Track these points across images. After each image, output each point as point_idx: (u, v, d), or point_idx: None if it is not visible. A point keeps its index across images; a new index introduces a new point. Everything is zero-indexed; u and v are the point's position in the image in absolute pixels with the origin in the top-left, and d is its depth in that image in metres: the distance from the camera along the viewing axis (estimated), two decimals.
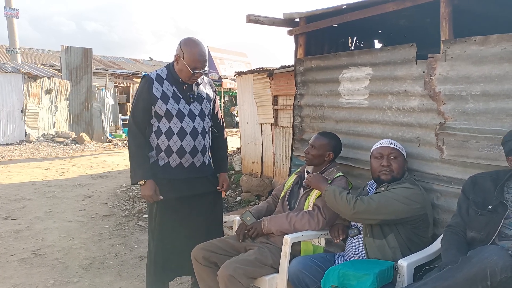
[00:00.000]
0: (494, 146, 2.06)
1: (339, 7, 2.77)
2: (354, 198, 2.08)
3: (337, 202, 2.12)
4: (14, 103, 11.92)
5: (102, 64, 21.00)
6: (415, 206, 2.05)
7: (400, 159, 2.22)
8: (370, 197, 2.08)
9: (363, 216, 2.07)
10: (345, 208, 2.08)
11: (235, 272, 2.11)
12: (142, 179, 2.45)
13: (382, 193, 2.11)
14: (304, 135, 3.28)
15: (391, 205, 2.03)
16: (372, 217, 2.05)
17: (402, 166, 2.22)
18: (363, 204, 2.04)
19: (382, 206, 2.03)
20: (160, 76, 2.51)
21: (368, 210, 2.03)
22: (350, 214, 2.09)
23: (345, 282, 1.80)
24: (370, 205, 2.03)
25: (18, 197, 5.80)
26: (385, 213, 2.03)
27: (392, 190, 2.10)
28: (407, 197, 2.05)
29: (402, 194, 2.06)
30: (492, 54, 2.05)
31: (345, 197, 2.09)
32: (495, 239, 1.77)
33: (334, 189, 2.17)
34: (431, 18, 2.90)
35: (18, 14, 14.77)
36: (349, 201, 2.07)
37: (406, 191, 2.07)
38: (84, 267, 3.37)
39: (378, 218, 2.05)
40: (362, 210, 2.03)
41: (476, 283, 1.51)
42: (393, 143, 2.27)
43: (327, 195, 2.19)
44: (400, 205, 2.03)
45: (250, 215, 2.48)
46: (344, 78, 2.86)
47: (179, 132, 2.50)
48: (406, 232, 2.07)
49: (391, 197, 2.05)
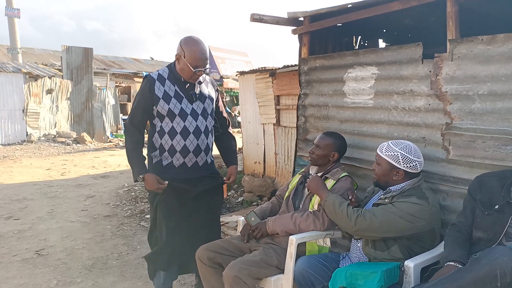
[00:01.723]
0: (501, 146, 2.04)
1: (344, 6, 2.75)
2: (356, 213, 1.99)
3: (337, 216, 2.05)
4: (15, 103, 11.92)
5: (102, 64, 20.99)
6: (420, 223, 1.95)
7: (383, 167, 2.10)
8: (373, 213, 1.98)
9: (365, 234, 2.01)
10: (346, 224, 2.01)
11: (240, 273, 2.10)
12: (140, 175, 2.45)
13: (385, 208, 1.99)
14: (308, 135, 3.27)
15: (394, 222, 1.94)
16: (374, 234, 1.99)
17: (384, 174, 2.10)
18: (365, 221, 1.96)
19: (385, 224, 1.94)
20: (162, 76, 2.51)
21: (370, 228, 1.96)
22: (351, 231, 2.03)
23: (353, 282, 1.79)
24: (372, 222, 1.95)
25: (20, 197, 5.79)
26: (388, 230, 1.96)
27: (397, 204, 1.98)
28: (412, 214, 1.94)
29: (407, 210, 1.94)
30: (499, 54, 2.04)
31: (346, 211, 2.01)
32: (502, 239, 1.76)
33: (334, 201, 2.09)
34: (436, 17, 2.89)
35: (19, 13, 14.79)
36: (349, 217, 1.99)
37: (412, 207, 1.95)
38: (87, 268, 3.37)
39: (381, 235, 1.99)
40: (364, 227, 1.97)
41: (486, 285, 1.49)
42: (382, 149, 2.14)
43: (327, 206, 2.13)
44: (404, 222, 1.93)
45: (254, 215, 2.47)
46: (349, 78, 2.85)
47: (182, 131, 2.49)
48: (410, 244, 2.01)
49: (395, 213, 1.94)
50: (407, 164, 2.07)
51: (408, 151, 2.08)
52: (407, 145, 2.11)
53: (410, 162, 2.07)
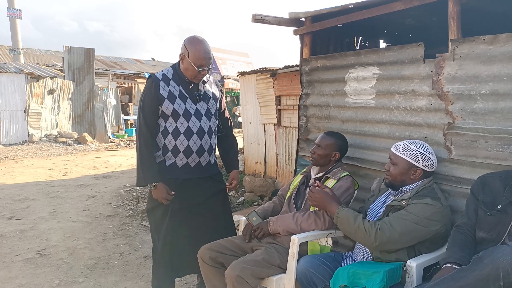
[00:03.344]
0: (504, 146, 2.04)
1: (345, 6, 2.76)
2: (374, 227, 1.92)
3: (355, 232, 1.97)
4: (17, 104, 11.94)
5: (104, 65, 21.02)
6: (435, 227, 1.95)
7: (400, 166, 2.07)
8: (390, 225, 1.92)
9: (385, 247, 1.96)
10: (366, 240, 1.94)
11: (242, 272, 2.10)
12: (153, 182, 2.44)
13: (402, 217, 1.94)
14: (309, 135, 3.27)
15: (414, 231, 1.92)
16: (396, 246, 1.96)
17: (401, 173, 2.07)
18: (385, 235, 1.90)
19: (404, 234, 1.91)
20: (166, 76, 2.51)
21: (391, 241, 1.92)
22: (372, 247, 1.97)
23: (355, 281, 1.79)
24: (392, 235, 1.90)
25: (22, 197, 5.80)
26: (409, 240, 1.94)
27: (412, 207, 1.95)
28: (428, 218, 1.92)
29: (423, 214, 1.92)
30: (501, 53, 2.04)
31: (363, 226, 1.94)
32: (505, 239, 1.75)
33: (347, 217, 2.00)
34: (437, 17, 2.89)
35: (21, 14, 14.83)
36: (368, 232, 1.92)
37: (427, 209, 1.94)
38: (89, 267, 3.37)
39: (402, 246, 1.96)
40: (384, 241, 1.91)
41: (489, 284, 1.49)
42: (399, 148, 2.11)
43: (340, 222, 2.03)
44: (422, 229, 1.92)
45: (256, 215, 2.47)
46: (351, 78, 2.85)
47: (185, 131, 2.49)
48: (420, 247, 2.00)
49: (412, 221, 1.92)
50: (426, 162, 2.06)
51: (426, 149, 2.08)
52: (423, 144, 2.11)
53: (429, 160, 2.06)
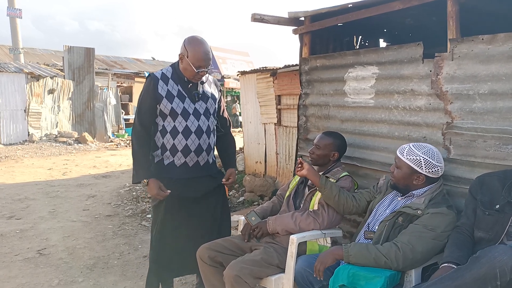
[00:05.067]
0: (502, 146, 2.04)
1: (345, 5, 2.76)
2: (392, 250, 1.84)
3: (375, 263, 1.85)
4: (17, 103, 11.94)
5: (104, 64, 21.02)
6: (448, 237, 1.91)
7: (403, 170, 2.03)
8: (412, 245, 1.84)
9: (408, 269, 1.90)
10: (389, 266, 1.85)
11: (241, 272, 2.10)
12: (144, 179, 2.45)
13: (421, 235, 1.87)
14: (309, 135, 3.27)
15: (434, 247, 1.88)
16: (417, 265, 1.91)
17: (404, 178, 2.03)
18: (408, 257, 1.84)
19: (425, 252, 1.87)
20: (165, 75, 2.51)
21: (414, 262, 1.86)
22: (397, 269, 1.88)
23: (354, 282, 1.79)
24: (415, 255, 1.84)
25: (22, 196, 5.81)
26: (428, 257, 1.90)
27: (428, 219, 1.90)
28: (444, 230, 1.89)
29: (440, 228, 1.88)
30: (499, 53, 2.04)
31: (380, 253, 1.85)
32: (504, 238, 1.76)
33: (360, 251, 1.88)
34: (437, 16, 2.88)
35: (21, 14, 14.81)
36: (389, 258, 1.83)
37: (444, 221, 1.90)
38: (88, 267, 3.37)
39: (422, 264, 1.92)
40: (408, 263, 1.85)
41: (486, 283, 1.50)
42: (404, 152, 2.05)
43: (356, 260, 1.88)
44: (440, 244, 1.88)
45: (255, 215, 2.48)
46: (350, 77, 2.85)
47: (184, 131, 2.49)
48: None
49: (431, 238, 1.87)
50: (429, 169, 2.00)
51: (431, 155, 2.01)
52: (429, 149, 2.03)
53: (432, 167, 2.00)
